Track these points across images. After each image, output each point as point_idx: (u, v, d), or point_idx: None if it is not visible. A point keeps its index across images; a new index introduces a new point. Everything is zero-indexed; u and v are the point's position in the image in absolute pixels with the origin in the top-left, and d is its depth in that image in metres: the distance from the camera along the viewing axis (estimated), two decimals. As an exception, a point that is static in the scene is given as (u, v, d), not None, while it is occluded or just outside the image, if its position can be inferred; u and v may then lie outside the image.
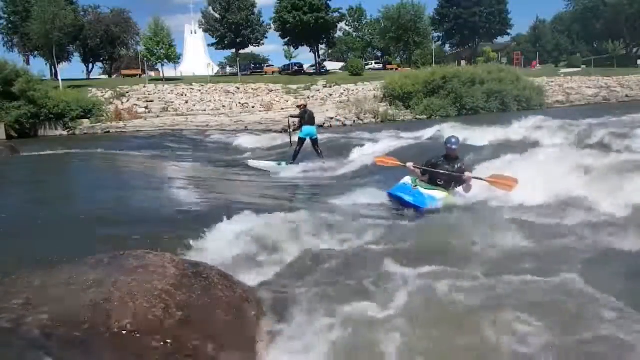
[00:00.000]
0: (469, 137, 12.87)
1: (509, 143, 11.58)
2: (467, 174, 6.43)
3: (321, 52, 59.88)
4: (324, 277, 3.74)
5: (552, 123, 15.06)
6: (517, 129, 14.45)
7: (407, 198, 6.11)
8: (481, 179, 6.33)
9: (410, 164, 6.75)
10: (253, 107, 37.16)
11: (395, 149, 11.71)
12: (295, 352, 2.66)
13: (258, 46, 54.08)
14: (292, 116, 12.88)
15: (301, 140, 11.55)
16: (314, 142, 11.80)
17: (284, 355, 2.65)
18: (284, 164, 11.59)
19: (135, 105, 35.08)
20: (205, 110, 35.87)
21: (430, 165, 6.69)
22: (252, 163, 12.19)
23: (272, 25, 51.02)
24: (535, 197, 5.93)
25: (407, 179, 6.51)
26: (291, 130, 12.61)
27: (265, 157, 14.40)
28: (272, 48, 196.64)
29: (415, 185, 6.33)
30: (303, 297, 3.32)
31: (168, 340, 2.36)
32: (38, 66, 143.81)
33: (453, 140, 6.65)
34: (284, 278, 3.79)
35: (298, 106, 12.71)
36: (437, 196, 6.24)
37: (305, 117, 11.51)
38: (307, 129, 11.45)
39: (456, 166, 6.57)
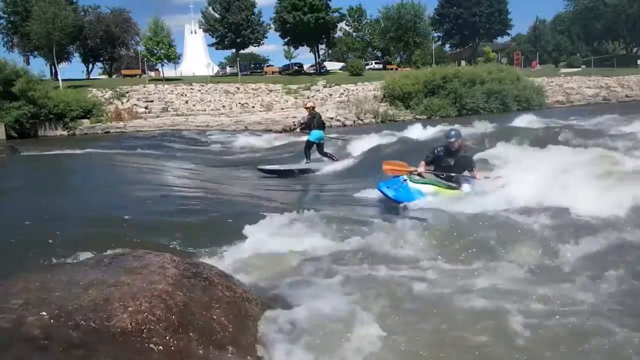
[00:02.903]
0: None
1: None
2: (465, 173, 6.58)
3: (321, 52, 59.89)
4: (326, 277, 3.74)
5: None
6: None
7: (389, 193, 6.19)
8: (474, 178, 6.52)
9: (421, 168, 6.71)
10: (253, 107, 37.16)
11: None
12: (296, 352, 2.66)
13: (258, 46, 54.17)
14: (302, 126, 12.27)
15: (310, 143, 11.52)
16: (320, 146, 11.70)
17: (285, 355, 2.65)
18: (301, 164, 11.50)
19: (135, 105, 35.07)
20: (205, 110, 35.87)
21: (434, 159, 6.80)
22: (264, 168, 11.52)
23: (272, 25, 51.05)
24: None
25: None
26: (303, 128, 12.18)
27: (266, 157, 14.40)
28: (272, 48, 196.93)
29: (405, 180, 6.37)
30: (304, 297, 3.31)
31: (168, 341, 2.35)
32: (38, 66, 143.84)
33: (452, 133, 6.78)
34: (284, 278, 3.79)
35: (306, 107, 12.51)
36: (425, 190, 6.31)
37: (314, 122, 11.47)
38: (316, 133, 11.44)
39: (456, 158, 6.67)
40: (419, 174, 6.65)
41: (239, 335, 2.69)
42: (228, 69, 58.20)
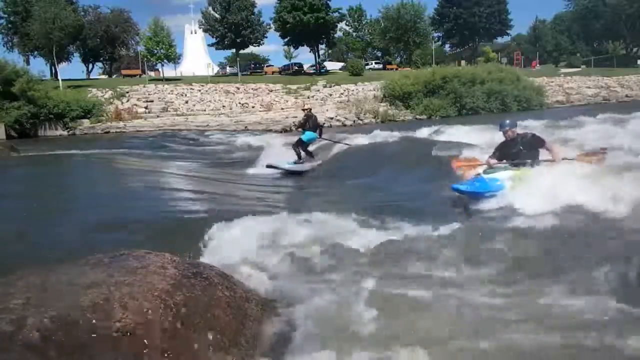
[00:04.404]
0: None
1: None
2: (542, 154, 6.42)
3: (321, 52, 59.84)
4: (325, 277, 3.74)
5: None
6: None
7: (465, 189, 6.11)
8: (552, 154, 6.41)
9: (493, 161, 6.62)
10: (253, 107, 37.13)
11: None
12: (296, 351, 2.66)
13: (258, 46, 54.08)
14: (297, 127, 12.66)
15: (300, 141, 11.71)
16: (307, 145, 11.94)
17: (284, 355, 2.65)
18: (291, 163, 11.64)
19: (135, 105, 35.04)
20: (205, 110, 35.84)
21: (500, 155, 6.64)
22: (268, 164, 11.61)
23: (272, 25, 50.99)
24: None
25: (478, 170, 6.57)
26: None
27: (267, 156, 14.36)
28: (272, 48, 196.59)
29: (478, 174, 6.34)
30: (304, 297, 3.32)
31: (168, 341, 2.35)
32: (38, 66, 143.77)
33: (506, 122, 6.72)
34: (284, 278, 3.79)
35: (303, 109, 12.78)
36: (501, 177, 6.18)
37: (309, 122, 11.69)
38: (309, 134, 11.66)
39: (522, 144, 6.47)
40: (490, 166, 6.56)
41: (239, 335, 2.69)
42: (228, 69, 58.15)
